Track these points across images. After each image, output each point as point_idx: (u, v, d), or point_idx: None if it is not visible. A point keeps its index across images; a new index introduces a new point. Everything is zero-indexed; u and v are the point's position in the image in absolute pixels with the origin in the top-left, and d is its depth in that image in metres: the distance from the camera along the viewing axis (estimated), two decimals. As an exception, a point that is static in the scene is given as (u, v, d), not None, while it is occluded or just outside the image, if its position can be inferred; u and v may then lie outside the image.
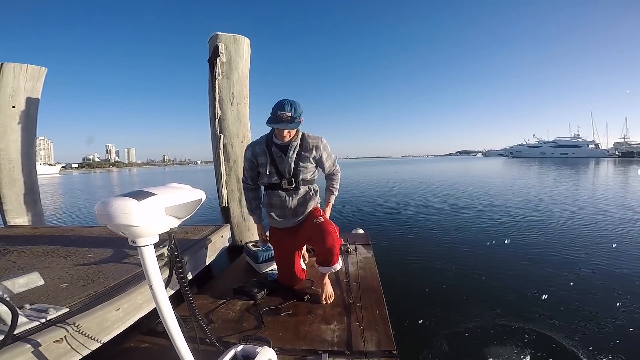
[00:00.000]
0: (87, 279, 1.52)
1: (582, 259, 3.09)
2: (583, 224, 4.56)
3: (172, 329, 0.83)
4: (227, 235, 2.55)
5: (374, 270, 2.15)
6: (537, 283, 2.51)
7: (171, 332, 0.83)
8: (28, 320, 1.02)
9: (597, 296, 2.32)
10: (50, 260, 1.85)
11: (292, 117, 1.57)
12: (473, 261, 3.05)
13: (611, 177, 13.85)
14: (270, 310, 1.62)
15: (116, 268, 1.67)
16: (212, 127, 3.10)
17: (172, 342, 0.84)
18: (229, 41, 3.00)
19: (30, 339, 0.95)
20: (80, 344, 1.08)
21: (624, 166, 23.42)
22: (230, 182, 3.14)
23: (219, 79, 2.98)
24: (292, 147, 1.69)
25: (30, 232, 2.82)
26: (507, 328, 1.90)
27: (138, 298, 1.38)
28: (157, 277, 0.78)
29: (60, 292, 1.37)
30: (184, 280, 0.91)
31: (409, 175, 16.58)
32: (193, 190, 0.84)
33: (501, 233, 4.06)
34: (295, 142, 1.69)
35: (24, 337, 0.95)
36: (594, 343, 1.77)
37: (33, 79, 3.62)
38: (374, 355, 1.24)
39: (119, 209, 0.66)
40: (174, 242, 0.85)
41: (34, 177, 3.73)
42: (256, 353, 1.05)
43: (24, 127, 3.56)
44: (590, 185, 10.49)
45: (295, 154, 1.69)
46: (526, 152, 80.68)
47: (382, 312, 1.57)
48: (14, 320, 0.84)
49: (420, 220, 5.03)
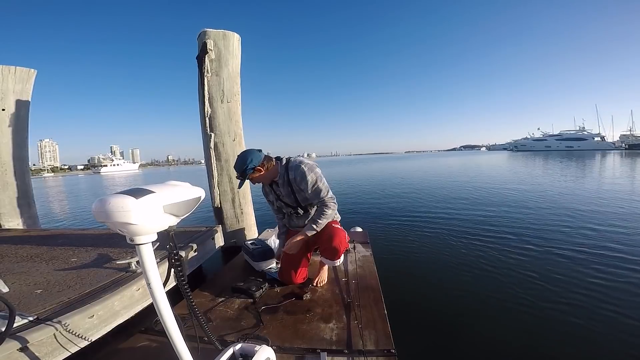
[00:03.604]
0: (64, 285, 1.53)
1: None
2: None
3: (170, 328, 0.85)
4: (220, 236, 2.59)
5: (372, 269, 2.21)
6: (536, 281, 2.58)
7: (169, 331, 0.85)
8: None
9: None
10: (31, 265, 1.88)
11: (239, 175, 1.74)
12: (473, 259, 3.12)
13: (626, 169, 13.77)
14: (268, 309, 1.67)
15: (96, 273, 1.69)
16: (203, 125, 3.13)
17: (170, 341, 0.87)
18: (218, 37, 3.03)
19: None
20: (48, 352, 1.10)
21: (632, 158, 23.72)
22: (222, 182, 3.17)
23: (208, 76, 3.01)
24: (281, 184, 1.83)
25: (21, 235, 2.86)
26: (507, 327, 1.96)
27: (116, 304, 1.40)
28: (155, 276, 0.80)
29: (32, 299, 1.38)
30: (183, 279, 0.94)
31: (409, 173, 16.67)
32: (192, 188, 0.86)
33: (503, 231, 4.13)
34: (282, 178, 1.82)
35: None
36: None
37: (22, 81, 3.69)
38: (372, 354, 1.29)
39: (116, 206, 0.68)
40: (173, 240, 0.88)
41: (28, 180, 3.81)
42: (254, 351, 1.08)
43: (14, 130, 3.62)
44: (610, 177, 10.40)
45: (288, 189, 1.82)
46: (531, 145, 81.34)
47: (380, 310, 1.63)
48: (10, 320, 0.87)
49: (419, 218, 5.09)
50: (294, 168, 1.77)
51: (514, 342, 1.80)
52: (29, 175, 3.89)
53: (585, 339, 1.81)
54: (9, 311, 0.87)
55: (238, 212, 3.22)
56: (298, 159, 1.83)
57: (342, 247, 1.84)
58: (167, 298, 0.84)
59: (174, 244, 0.89)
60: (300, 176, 1.75)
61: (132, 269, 1.70)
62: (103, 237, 2.50)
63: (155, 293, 0.81)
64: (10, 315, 0.89)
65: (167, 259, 0.91)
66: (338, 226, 1.94)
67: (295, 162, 1.79)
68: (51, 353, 1.12)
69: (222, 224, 3.15)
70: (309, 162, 1.79)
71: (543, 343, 1.79)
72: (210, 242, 2.41)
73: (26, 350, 1.04)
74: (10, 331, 0.91)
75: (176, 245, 0.90)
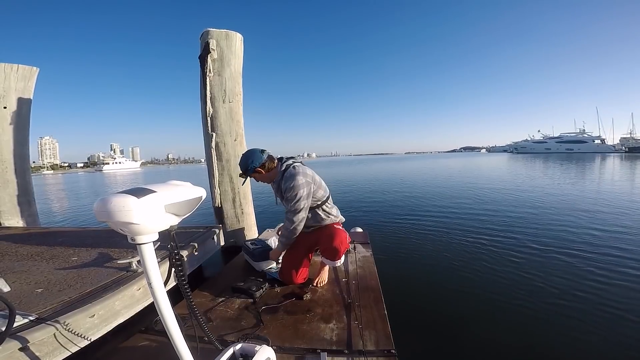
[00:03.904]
0: (64, 284, 1.54)
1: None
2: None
3: (170, 327, 0.85)
4: (221, 236, 2.60)
5: (372, 270, 2.22)
6: (535, 282, 2.58)
7: (170, 331, 0.86)
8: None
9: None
10: (32, 264, 1.88)
11: (242, 172, 1.88)
12: (474, 260, 3.12)
13: (626, 172, 13.83)
14: (269, 309, 1.68)
15: (97, 272, 1.69)
16: (204, 125, 3.13)
17: (170, 340, 0.87)
18: (221, 37, 3.03)
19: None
20: (49, 351, 1.10)
21: (632, 161, 23.80)
22: (223, 182, 3.17)
23: (210, 76, 3.01)
24: (275, 189, 1.98)
25: (21, 234, 2.86)
26: (507, 327, 1.97)
27: (116, 304, 1.40)
28: (157, 275, 0.80)
29: (33, 298, 1.38)
30: (184, 279, 0.94)
31: (409, 173, 16.69)
32: (193, 188, 0.86)
33: (504, 232, 4.14)
34: (277, 182, 1.92)
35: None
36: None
37: (24, 79, 3.70)
38: (372, 355, 1.29)
39: (118, 206, 0.68)
40: (174, 240, 0.87)
41: (28, 178, 3.82)
42: (255, 352, 1.08)
43: (16, 128, 3.64)
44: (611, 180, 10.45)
45: (280, 193, 1.93)
46: (531, 148, 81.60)
47: (380, 311, 1.63)
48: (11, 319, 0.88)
49: (419, 219, 5.09)
50: (287, 178, 1.82)
51: (514, 343, 1.81)
52: (30, 173, 3.91)
53: (586, 338, 1.82)
54: (9, 311, 0.88)
55: (238, 212, 3.23)
56: (297, 168, 1.84)
57: (343, 247, 1.88)
58: (168, 298, 0.84)
59: (175, 243, 0.89)
60: (286, 187, 1.84)
61: (133, 268, 1.70)
62: (103, 236, 2.50)
63: (156, 293, 0.81)
64: (10, 315, 0.89)
65: (167, 259, 0.91)
66: (339, 227, 1.97)
67: (292, 172, 1.81)
68: (52, 353, 1.12)
69: (223, 223, 3.15)
70: (302, 180, 1.78)
71: (543, 343, 1.79)
72: (210, 241, 2.41)
73: (27, 350, 1.04)
74: (10, 331, 0.91)
75: (177, 245, 0.90)
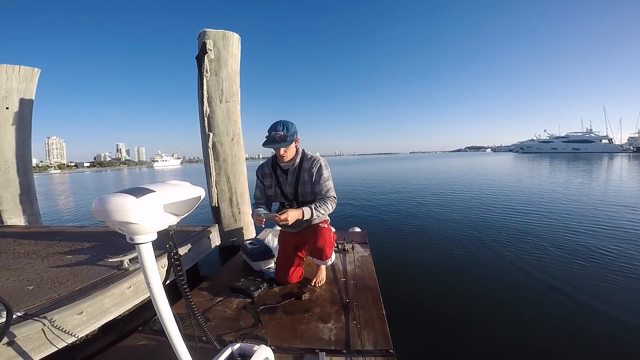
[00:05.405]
0: (56, 282, 1.58)
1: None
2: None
3: (169, 327, 0.87)
4: (217, 235, 2.62)
5: (371, 269, 2.24)
6: (534, 281, 2.60)
7: (168, 330, 0.87)
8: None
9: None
10: (27, 262, 1.93)
11: (284, 135, 1.75)
12: (472, 260, 3.14)
13: (634, 173, 13.73)
14: (267, 309, 1.70)
15: (88, 270, 1.72)
16: (202, 125, 3.16)
17: (168, 340, 0.88)
18: (218, 37, 3.06)
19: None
20: (35, 347, 1.13)
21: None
22: (220, 181, 3.20)
23: (207, 76, 3.04)
24: (291, 171, 1.89)
25: (21, 232, 2.91)
26: (506, 327, 1.98)
27: (106, 301, 1.43)
28: (155, 275, 0.82)
29: (23, 295, 1.42)
30: (182, 279, 0.95)
31: (409, 173, 16.69)
32: (192, 188, 0.87)
33: (503, 232, 4.15)
34: (294, 165, 1.88)
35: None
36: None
37: (26, 80, 3.77)
38: (371, 354, 1.31)
39: (116, 205, 0.68)
40: (172, 239, 0.89)
41: (30, 177, 3.90)
42: (253, 351, 1.09)
43: (18, 128, 3.71)
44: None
45: (294, 178, 1.88)
46: (537, 147, 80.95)
47: (379, 311, 1.65)
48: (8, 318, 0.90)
49: (417, 219, 5.11)
50: (311, 159, 1.88)
51: (513, 343, 1.82)
52: (32, 172, 3.98)
53: (586, 339, 1.83)
54: (7, 310, 0.90)
55: (236, 211, 3.25)
56: (315, 154, 1.92)
57: (328, 246, 1.89)
58: (166, 297, 0.85)
59: (174, 243, 0.90)
60: (317, 168, 1.85)
61: (125, 267, 1.72)
62: (100, 235, 2.53)
63: (154, 292, 0.82)
64: (8, 314, 0.91)
65: (165, 258, 0.92)
66: (325, 226, 1.95)
67: (313, 155, 1.91)
68: (37, 348, 1.14)
69: (220, 223, 3.18)
70: (326, 162, 1.89)
71: (542, 343, 1.81)
72: (205, 241, 2.44)
73: (13, 344, 1.06)
74: (8, 329, 0.93)
75: (176, 245, 0.91)
